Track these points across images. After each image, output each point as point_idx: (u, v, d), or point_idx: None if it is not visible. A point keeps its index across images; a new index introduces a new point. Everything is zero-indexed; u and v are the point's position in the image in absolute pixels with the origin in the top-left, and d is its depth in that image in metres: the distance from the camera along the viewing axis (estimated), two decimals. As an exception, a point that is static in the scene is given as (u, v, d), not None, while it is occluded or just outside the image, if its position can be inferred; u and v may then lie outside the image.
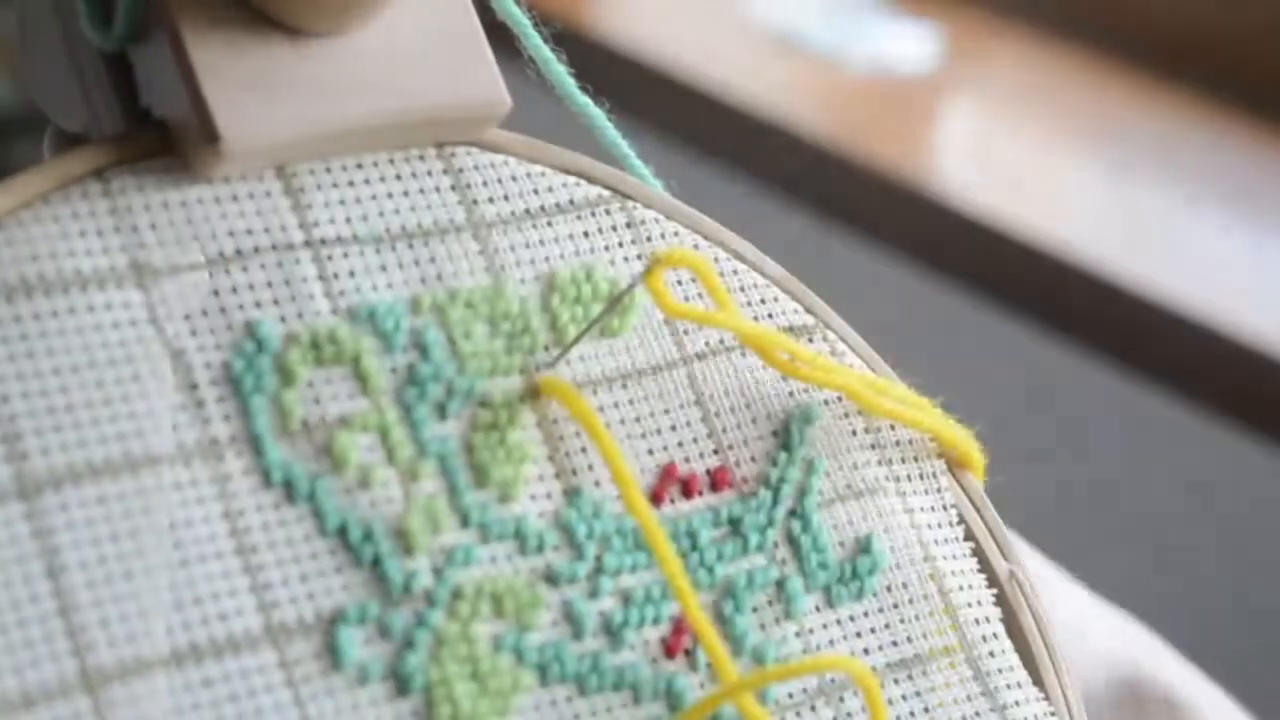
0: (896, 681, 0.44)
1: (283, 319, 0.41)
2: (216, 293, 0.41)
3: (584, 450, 0.43)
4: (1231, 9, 1.27)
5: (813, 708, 0.43)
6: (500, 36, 0.45)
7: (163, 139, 0.41)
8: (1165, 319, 1.07)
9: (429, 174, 0.43)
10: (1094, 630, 0.61)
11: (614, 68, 1.28)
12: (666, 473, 0.44)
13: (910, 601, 0.45)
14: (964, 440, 0.46)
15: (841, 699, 0.43)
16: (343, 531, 0.40)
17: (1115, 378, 1.12)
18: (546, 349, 0.43)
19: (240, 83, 0.40)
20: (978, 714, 0.44)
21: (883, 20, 1.35)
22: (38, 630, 0.37)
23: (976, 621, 0.45)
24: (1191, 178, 1.23)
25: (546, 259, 0.44)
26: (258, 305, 0.41)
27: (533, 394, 0.43)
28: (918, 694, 0.44)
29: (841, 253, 1.23)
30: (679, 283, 0.45)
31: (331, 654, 0.39)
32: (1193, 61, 1.28)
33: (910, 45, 1.31)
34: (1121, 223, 1.19)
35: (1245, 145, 1.24)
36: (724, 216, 0.47)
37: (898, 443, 0.46)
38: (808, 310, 0.46)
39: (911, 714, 0.44)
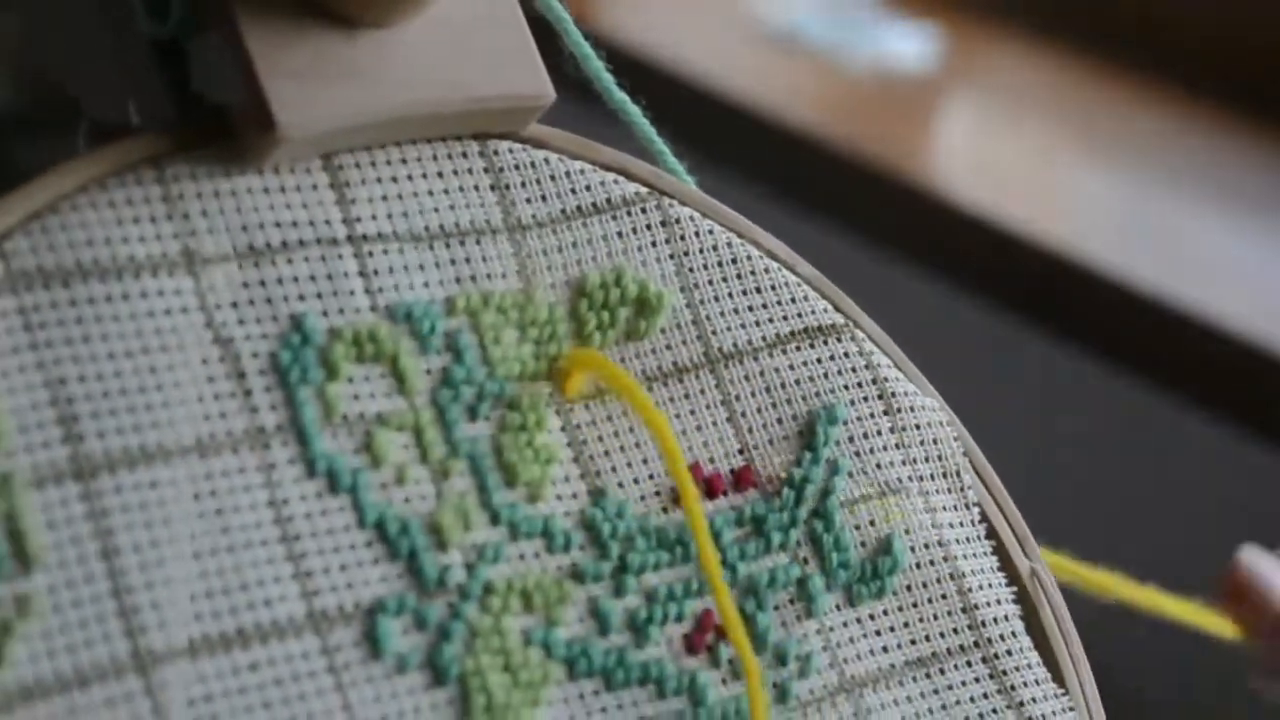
0: (915, 680, 0.45)
1: (325, 313, 0.42)
2: (263, 283, 0.41)
3: (607, 453, 0.44)
4: (1230, 9, 1.27)
5: (833, 704, 0.44)
6: (538, 33, 0.45)
7: (216, 127, 0.42)
8: (1165, 318, 1.07)
9: (470, 172, 0.44)
10: None
11: (615, 66, 1.28)
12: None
13: (929, 601, 0.45)
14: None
15: (861, 695, 0.44)
16: (380, 525, 0.41)
17: (1115, 377, 1.13)
18: None
19: (295, 72, 0.40)
20: (994, 711, 0.45)
21: (883, 21, 1.35)
22: (91, 610, 0.38)
23: (995, 620, 0.46)
24: (1191, 177, 1.23)
25: (579, 262, 0.45)
26: (301, 298, 0.41)
27: (561, 381, 0.44)
28: (935, 692, 0.45)
29: (841, 252, 1.23)
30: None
31: (371, 643, 0.40)
32: (1191, 61, 1.28)
33: (910, 45, 1.31)
34: (1121, 222, 1.19)
35: (1244, 145, 1.24)
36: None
37: (922, 442, 0.46)
38: (838, 309, 0.47)
39: (929, 711, 0.45)
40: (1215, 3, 1.28)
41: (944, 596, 0.45)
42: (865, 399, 0.46)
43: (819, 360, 0.46)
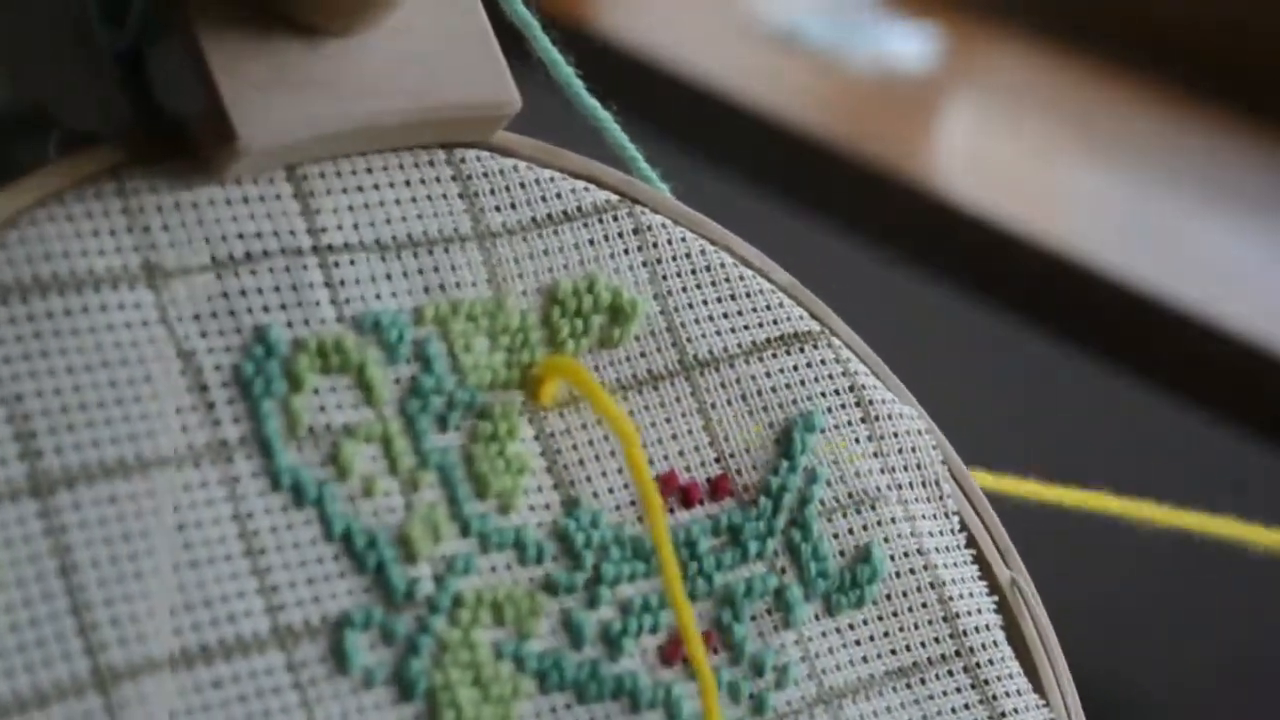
0: (895, 690, 0.44)
1: (289, 324, 0.41)
2: (226, 295, 0.41)
3: (581, 462, 0.43)
4: (1230, 9, 1.27)
5: (812, 715, 0.43)
6: (512, 38, 0.45)
7: (177, 138, 0.41)
8: (1165, 318, 1.07)
9: (437, 180, 0.44)
10: None
11: (614, 66, 1.28)
12: (666, 481, 0.44)
13: (909, 610, 0.45)
14: None
15: (840, 706, 0.44)
16: (347, 537, 0.41)
17: (1115, 378, 1.12)
18: None
19: (256, 82, 0.40)
20: None
21: (883, 21, 1.35)
22: (50, 628, 0.38)
23: (976, 630, 0.45)
24: (1191, 177, 1.23)
25: (550, 269, 0.44)
26: (265, 310, 0.41)
27: (535, 388, 0.43)
28: (916, 702, 0.44)
29: (841, 252, 1.23)
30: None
31: (337, 657, 0.40)
32: (1192, 61, 1.28)
33: (910, 45, 1.31)
34: (1121, 222, 1.19)
35: (1244, 144, 1.24)
36: (723, 216, 0.47)
37: (900, 450, 0.46)
38: (813, 316, 0.46)
39: None
40: (1215, 3, 1.28)
41: (924, 605, 0.45)
42: (843, 406, 0.46)
43: (795, 368, 0.46)
